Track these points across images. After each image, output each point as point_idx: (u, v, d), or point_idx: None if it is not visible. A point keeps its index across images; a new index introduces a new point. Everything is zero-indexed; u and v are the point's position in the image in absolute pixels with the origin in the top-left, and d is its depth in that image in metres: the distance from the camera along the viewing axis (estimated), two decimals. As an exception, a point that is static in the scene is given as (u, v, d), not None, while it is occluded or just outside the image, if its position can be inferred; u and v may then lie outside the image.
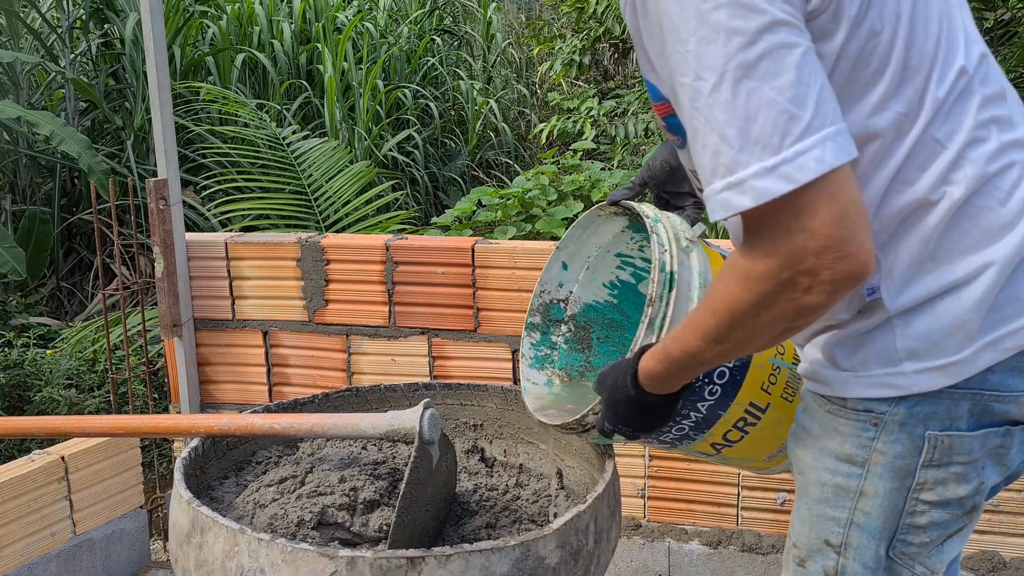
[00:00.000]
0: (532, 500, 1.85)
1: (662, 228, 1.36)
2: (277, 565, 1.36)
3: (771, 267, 0.95)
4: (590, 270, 1.66)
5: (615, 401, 1.25)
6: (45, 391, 3.51)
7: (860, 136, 1.05)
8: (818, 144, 0.91)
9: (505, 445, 2.03)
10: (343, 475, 1.69)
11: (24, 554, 2.22)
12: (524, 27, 8.74)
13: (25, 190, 5.24)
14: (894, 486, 1.13)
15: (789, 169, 0.91)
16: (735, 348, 1.06)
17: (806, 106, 0.92)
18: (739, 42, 0.92)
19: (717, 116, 0.94)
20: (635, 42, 1.12)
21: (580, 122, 6.06)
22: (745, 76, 0.92)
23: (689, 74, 0.96)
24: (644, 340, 1.29)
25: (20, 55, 4.98)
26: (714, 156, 0.95)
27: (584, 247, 1.63)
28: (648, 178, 1.51)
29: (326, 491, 1.64)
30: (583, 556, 1.48)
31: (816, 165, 0.91)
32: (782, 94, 0.92)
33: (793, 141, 0.91)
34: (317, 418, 1.64)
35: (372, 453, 1.85)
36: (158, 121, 2.52)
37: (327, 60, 5.91)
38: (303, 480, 1.69)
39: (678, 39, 0.96)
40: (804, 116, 0.92)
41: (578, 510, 1.48)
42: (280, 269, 2.61)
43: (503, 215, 3.94)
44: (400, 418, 1.57)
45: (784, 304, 0.96)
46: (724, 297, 1.01)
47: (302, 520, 1.58)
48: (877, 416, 1.11)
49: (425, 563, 1.34)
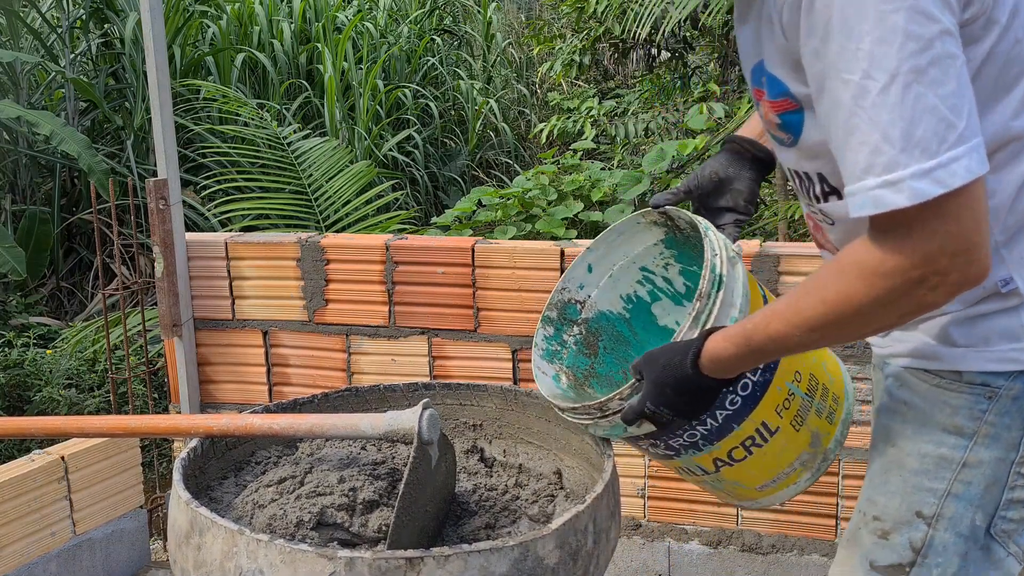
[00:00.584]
0: (531, 500, 1.85)
1: (713, 234, 1.38)
2: (276, 566, 1.36)
3: (903, 264, 0.99)
4: (612, 278, 1.66)
5: (664, 380, 1.26)
6: (45, 391, 3.51)
7: (1003, 138, 1.11)
8: (967, 153, 0.97)
9: (505, 445, 2.03)
10: (342, 475, 1.69)
11: (24, 554, 2.22)
12: (524, 27, 8.75)
13: (25, 190, 5.25)
14: (999, 456, 1.16)
15: (943, 174, 0.96)
16: (826, 338, 1.10)
17: (961, 116, 0.97)
18: (913, 47, 0.96)
19: (883, 116, 0.97)
20: (770, 36, 1.14)
21: (580, 122, 6.06)
22: (915, 80, 0.96)
23: (857, 72, 0.98)
24: (687, 334, 1.30)
25: (20, 55, 4.98)
26: (872, 154, 0.98)
27: (613, 253, 1.64)
28: (694, 187, 1.51)
29: (325, 491, 1.64)
30: (582, 556, 1.48)
31: (965, 173, 0.96)
32: (944, 102, 0.97)
33: (948, 148, 0.96)
34: (316, 418, 1.64)
35: (372, 453, 1.85)
36: (158, 121, 2.52)
37: (327, 60, 5.91)
38: (302, 480, 1.69)
39: (849, 37, 0.98)
40: (959, 125, 0.97)
41: (577, 510, 1.48)
42: (280, 269, 2.61)
43: (503, 215, 3.94)
44: (399, 419, 1.57)
45: (906, 301, 1.02)
46: (842, 289, 1.05)
47: (301, 520, 1.58)
48: (993, 389, 1.15)
49: (424, 563, 1.34)
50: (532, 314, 2.44)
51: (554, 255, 2.40)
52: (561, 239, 3.50)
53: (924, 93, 0.96)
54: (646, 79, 6.82)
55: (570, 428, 1.92)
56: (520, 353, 2.47)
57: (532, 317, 2.44)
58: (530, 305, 2.44)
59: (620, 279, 1.66)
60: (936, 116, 0.96)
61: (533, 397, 1.99)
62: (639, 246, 1.62)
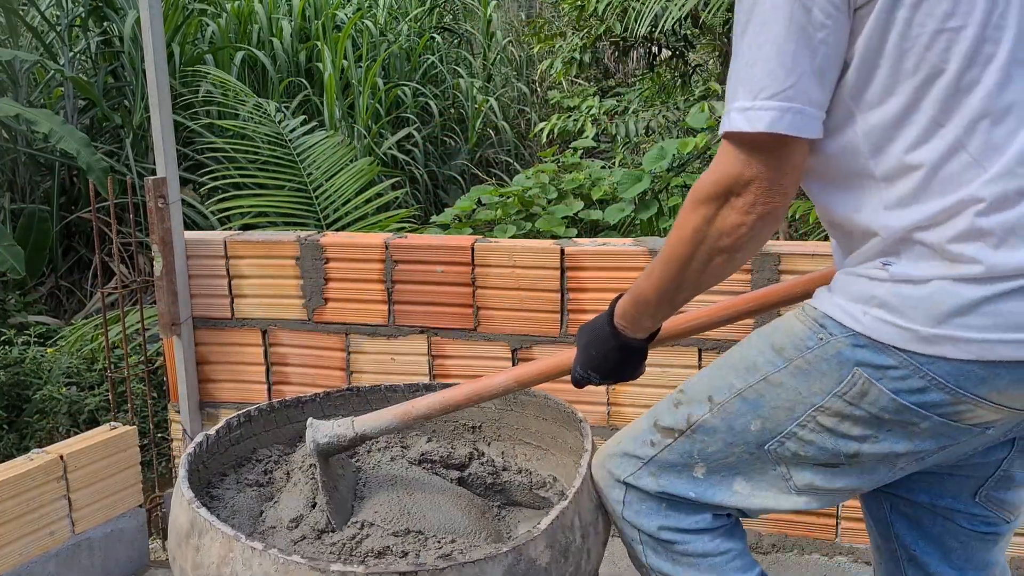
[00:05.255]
0: (529, 500, 1.85)
1: None
2: (269, 575, 1.36)
3: (714, 178, 1.19)
4: None
5: (589, 343, 1.41)
6: (45, 389, 3.51)
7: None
8: (781, 110, 1.16)
9: (503, 447, 2.03)
10: None
11: (22, 553, 2.22)
12: (524, 25, 8.74)
13: (24, 188, 5.24)
14: (799, 388, 1.26)
15: (753, 116, 1.16)
16: (679, 276, 1.24)
17: (792, 76, 1.16)
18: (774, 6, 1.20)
19: (739, 56, 1.22)
20: None
21: (580, 120, 6.05)
22: (762, 30, 1.19)
23: (741, 17, 1.20)
24: None
25: (19, 53, 4.97)
26: (729, 83, 1.23)
27: None
28: None
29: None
30: (572, 552, 1.49)
31: (770, 123, 1.16)
32: (779, 58, 1.17)
33: (765, 98, 1.16)
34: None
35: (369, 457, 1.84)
36: (157, 119, 2.51)
37: (327, 58, 5.90)
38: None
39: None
40: (786, 83, 1.17)
41: (561, 507, 1.49)
42: (279, 268, 2.60)
43: (503, 213, 3.93)
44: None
45: (719, 222, 1.18)
46: (680, 220, 1.22)
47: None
48: (827, 334, 1.23)
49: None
50: (532, 313, 2.44)
51: (554, 254, 2.39)
52: (561, 238, 3.49)
53: (763, 44, 1.13)
54: (647, 77, 6.81)
55: (565, 426, 1.92)
56: (520, 352, 2.47)
57: (532, 316, 2.44)
58: (530, 304, 2.43)
59: None
60: (767, 67, 1.12)
61: (531, 396, 1.98)
62: None
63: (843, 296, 1.23)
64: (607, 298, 2.38)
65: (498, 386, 1.58)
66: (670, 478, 1.39)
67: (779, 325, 1.31)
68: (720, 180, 1.16)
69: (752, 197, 1.14)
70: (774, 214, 1.16)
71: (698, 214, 1.19)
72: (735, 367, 1.34)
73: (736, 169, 1.15)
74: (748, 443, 1.32)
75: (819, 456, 1.28)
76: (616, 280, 2.36)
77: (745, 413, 1.31)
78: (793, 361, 1.26)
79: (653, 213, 3.80)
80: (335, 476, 1.66)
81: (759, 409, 1.30)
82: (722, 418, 1.33)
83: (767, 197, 1.14)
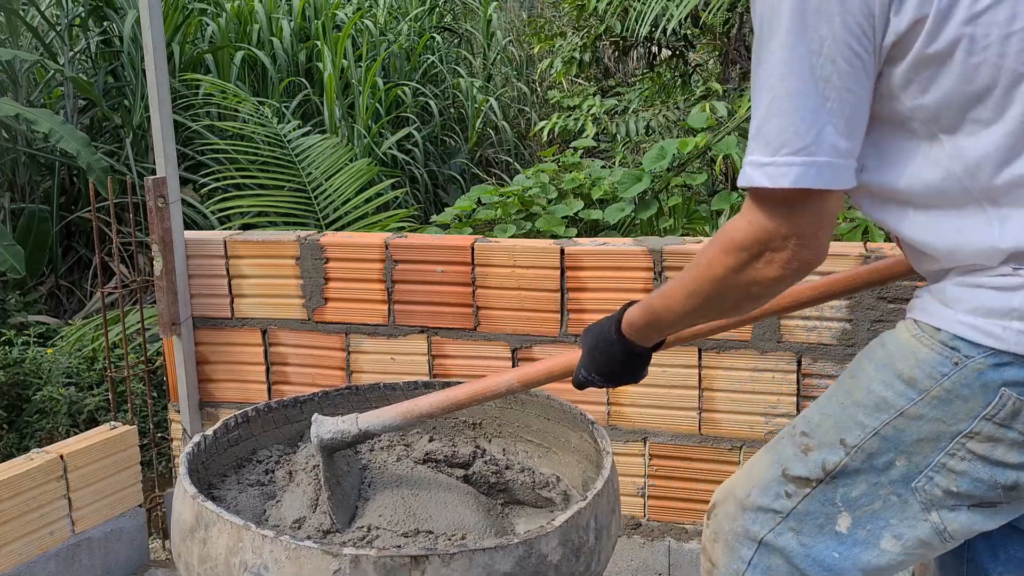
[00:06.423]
0: (532, 499, 1.85)
1: None
2: (280, 562, 1.36)
3: (749, 234, 1.15)
4: None
5: (594, 347, 1.41)
6: (45, 389, 3.50)
7: None
8: (805, 165, 1.13)
9: (504, 444, 2.03)
10: None
11: (23, 553, 2.22)
12: (525, 25, 8.73)
13: (24, 188, 5.23)
14: (942, 419, 1.16)
15: (774, 172, 1.13)
16: (702, 305, 1.23)
17: (812, 131, 1.13)
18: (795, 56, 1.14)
19: (759, 106, 1.16)
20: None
21: (581, 120, 6.05)
22: (778, 85, 1.16)
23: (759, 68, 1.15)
24: None
25: (19, 53, 4.96)
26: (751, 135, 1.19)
27: None
28: None
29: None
30: (584, 552, 1.49)
31: (795, 179, 1.13)
32: (799, 113, 1.13)
33: (787, 153, 1.13)
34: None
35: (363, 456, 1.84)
36: (157, 119, 2.51)
37: (326, 58, 5.90)
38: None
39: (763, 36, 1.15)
40: (806, 138, 1.14)
41: (579, 507, 1.49)
42: (279, 267, 2.60)
43: (503, 213, 3.93)
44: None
45: (750, 272, 1.15)
46: (710, 255, 1.19)
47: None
48: (961, 357, 1.14)
49: (429, 562, 1.34)
50: (532, 313, 2.44)
51: (554, 253, 2.39)
52: (561, 237, 3.49)
53: (781, 98, 1.09)
54: (647, 77, 6.81)
55: (569, 426, 1.91)
56: (520, 352, 2.47)
57: (532, 316, 2.44)
58: (530, 304, 2.43)
59: None
60: (784, 121, 1.09)
61: (532, 395, 1.98)
62: None
63: (968, 311, 1.14)
64: (607, 298, 2.38)
65: (502, 386, 1.57)
66: (812, 534, 1.27)
67: (896, 352, 1.21)
68: (757, 236, 1.13)
69: (790, 253, 1.12)
70: (811, 266, 1.14)
71: (731, 257, 1.16)
72: (861, 404, 1.23)
73: (773, 224, 1.12)
74: (894, 482, 1.21)
75: (974, 491, 1.18)
76: (616, 280, 2.36)
77: (887, 451, 1.21)
78: (930, 392, 1.16)
79: (653, 213, 3.79)
80: (338, 473, 1.65)
81: (901, 445, 1.20)
82: (862, 460, 1.23)
83: (805, 252, 1.12)
